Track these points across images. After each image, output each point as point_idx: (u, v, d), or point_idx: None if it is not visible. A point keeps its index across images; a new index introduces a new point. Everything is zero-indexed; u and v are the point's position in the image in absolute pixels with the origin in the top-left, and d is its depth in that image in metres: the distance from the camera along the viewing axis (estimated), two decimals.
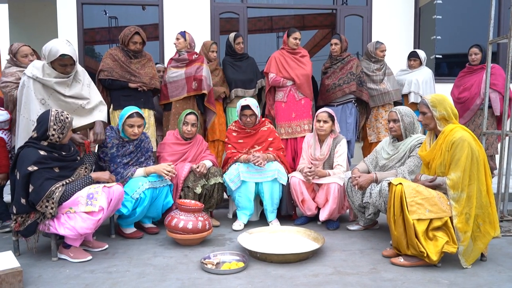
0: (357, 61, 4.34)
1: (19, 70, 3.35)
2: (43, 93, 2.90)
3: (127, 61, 3.68)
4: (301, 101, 4.13)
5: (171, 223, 2.82)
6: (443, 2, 5.35)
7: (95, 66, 5.50)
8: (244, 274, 2.36)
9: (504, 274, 2.37)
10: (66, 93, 2.95)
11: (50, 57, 2.83)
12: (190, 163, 3.32)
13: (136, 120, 3.03)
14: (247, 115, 3.42)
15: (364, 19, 5.76)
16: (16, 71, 3.35)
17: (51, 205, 2.45)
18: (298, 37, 4.14)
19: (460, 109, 4.46)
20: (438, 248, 2.38)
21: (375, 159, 3.18)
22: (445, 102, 2.54)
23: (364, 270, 2.43)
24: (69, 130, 2.61)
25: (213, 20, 5.52)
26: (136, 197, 2.93)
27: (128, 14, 5.65)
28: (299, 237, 2.93)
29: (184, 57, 3.95)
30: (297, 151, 4.09)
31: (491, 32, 3.36)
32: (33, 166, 2.43)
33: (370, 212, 3.07)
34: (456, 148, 2.40)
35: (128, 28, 3.69)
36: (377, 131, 4.40)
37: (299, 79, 4.07)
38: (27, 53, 3.45)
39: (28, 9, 7.28)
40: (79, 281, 2.28)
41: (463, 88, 4.52)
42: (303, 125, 4.11)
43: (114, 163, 3.05)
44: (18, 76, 3.28)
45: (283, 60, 4.15)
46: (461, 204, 2.40)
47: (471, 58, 4.47)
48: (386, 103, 4.35)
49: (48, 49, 2.83)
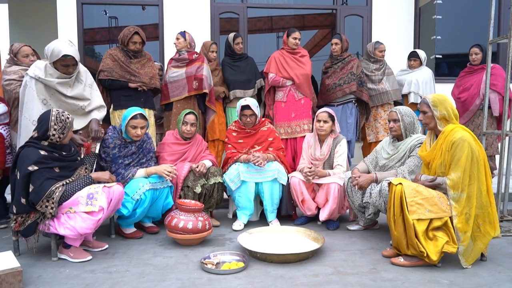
0: (358, 61, 4.34)
1: (21, 68, 3.36)
2: (45, 93, 2.91)
3: (127, 61, 3.68)
4: (300, 101, 4.13)
5: (171, 223, 2.82)
6: (443, 2, 5.35)
7: (95, 66, 5.50)
8: (244, 274, 2.36)
9: (504, 274, 2.37)
10: (67, 93, 2.97)
11: (53, 58, 2.84)
12: (190, 163, 3.32)
13: (139, 122, 3.02)
14: (247, 115, 3.42)
15: (364, 19, 5.76)
16: (19, 69, 3.37)
17: (51, 205, 2.45)
18: (297, 37, 4.14)
19: (460, 109, 4.47)
20: (438, 248, 2.38)
21: (375, 159, 3.18)
22: (446, 102, 2.54)
23: (364, 270, 2.43)
24: (69, 130, 2.61)
25: (213, 20, 5.52)
26: (136, 198, 2.93)
27: (128, 14, 5.65)
28: (299, 237, 2.93)
29: (184, 57, 3.95)
30: (297, 151, 4.09)
31: (491, 32, 3.36)
32: (33, 166, 2.43)
33: (370, 212, 3.07)
34: (456, 148, 2.40)
35: (128, 28, 3.69)
36: (376, 131, 4.40)
37: (298, 78, 4.07)
38: (28, 53, 3.46)
39: (28, 9, 7.27)
40: (79, 281, 2.28)
41: (462, 88, 4.52)
42: (302, 125, 4.11)
43: (115, 164, 3.05)
44: (21, 74, 3.29)
45: (283, 60, 4.15)
46: (461, 204, 2.40)
47: (471, 58, 4.47)
48: (385, 103, 4.36)
49: (50, 50, 2.83)
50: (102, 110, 3.21)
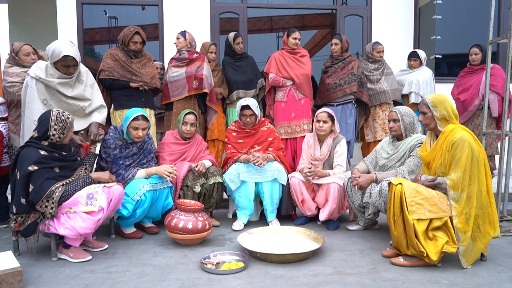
0: (358, 62, 4.35)
1: (23, 70, 3.37)
2: (45, 94, 2.91)
3: (127, 61, 3.69)
4: (300, 101, 4.13)
5: (171, 223, 2.82)
6: (443, 2, 5.35)
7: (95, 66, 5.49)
8: (244, 274, 2.36)
9: (504, 274, 2.37)
10: (68, 93, 2.97)
11: (53, 58, 2.84)
12: (189, 162, 3.32)
13: (141, 123, 3.02)
14: (247, 115, 3.42)
15: (364, 19, 5.76)
16: (21, 71, 3.39)
17: (51, 205, 2.45)
18: (297, 37, 4.14)
19: (459, 109, 4.47)
20: (438, 248, 2.38)
21: (375, 159, 3.18)
22: (445, 102, 2.54)
23: (364, 270, 2.43)
24: (70, 130, 2.61)
25: (213, 20, 5.52)
26: (136, 199, 2.92)
27: (128, 14, 5.66)
28: (299, 237, 2.93)
29: (185, 56, 3.95)
30: (297, 151, 4.09)
31: (490, 32, 3.36)
32: (33, 165, 2.43)
33: (370, 212, 3.07)
34: (457, 148, 2.40)
35: (128, 28, 3.69)
36: (374, 130, 4.41)
37: (298, 78, 4.07)
38: (29, 51, 3.48)
39: (28, 9, 7.28)
40: (79, 281, 2.28)
41: (462, 88, 4.52)
42: (302, 125, 4.11)
43: (116, 165, 3.05)
44: (24, 77, 3.30)
45: (283, 60, 4.15)
46: (461, 204, 2.40)
47: (471, 58, 4.47)
48: (382, 103, 4.36)
49: (51, 50, 2.84)
50: (102, 111, 3.21)
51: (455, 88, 4.67)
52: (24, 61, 3.45)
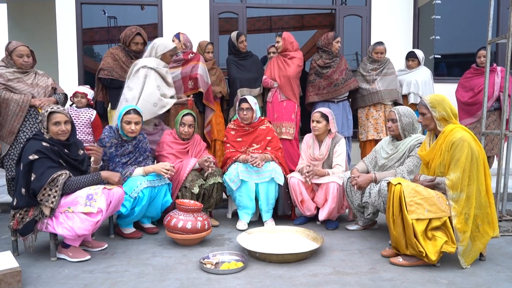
0: (344, 58, 4.46)
1: (8, 71, 3.35)
2: (159, 81, 3.47)
3: (127, 61, 3.69)
4: (283, 103, 4.20)
5: (170, 223, 2.81)
6: (442, 2, 5.35)
7: (94, 66, 5.50)
8: (243, 274, 2.36)
9: (502, 273, 2.38)
10: (170, 80, 3.59)
11: (162, 51, 3.51)
12: (196, 158, 3.31)
13: (132, 117, 3.03)
14: (244, 108, 3.44)
15: (363, 19, 5.76)
16: (5, 72, 3.35)
17: (54, 194, 2.44)
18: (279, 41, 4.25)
19: (472, 110, 4.49)
20: (437, 248, 2.38)
21: (374, 159, 3.18)
22: (444, 102, 2.53)
23: (363, 270, 2.43)
24: (52, 124, 2.53)
25: (212, 20, 5.52)
26: (134, 196, 2.92)
27: (127, 14, 5.65)
28: (298, 237, 2.93)
29: (180, 57, 3.95)
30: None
31: (490, 32, 3.36)
32: (34, 155, 2.43)
33: (369, 212, 3.07)
34: (456, 148, 2.40)
35: (130, 29, 3.69)
36: (367, 129, 4.42)
37: (280, 80, 4.17)
38: (23, 53, 3.39)
39: (27, 9, 7.27)
40: (78, 281, 2.27)
41: (477, 90, 4.48)
42: (282, 127, 4.16)
43: (113, 163, 3.06)
44: (7, 78, 3.31)
45: (275, 62, 4.28)
46: (460, 205, 2.40)
47: (479, 60, 4.48)
48: (376, 103, 4.36)
49: (159, 44, 3.52)
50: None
51: (462, 91, 4.64)
52: (15, 62, 3.37)
